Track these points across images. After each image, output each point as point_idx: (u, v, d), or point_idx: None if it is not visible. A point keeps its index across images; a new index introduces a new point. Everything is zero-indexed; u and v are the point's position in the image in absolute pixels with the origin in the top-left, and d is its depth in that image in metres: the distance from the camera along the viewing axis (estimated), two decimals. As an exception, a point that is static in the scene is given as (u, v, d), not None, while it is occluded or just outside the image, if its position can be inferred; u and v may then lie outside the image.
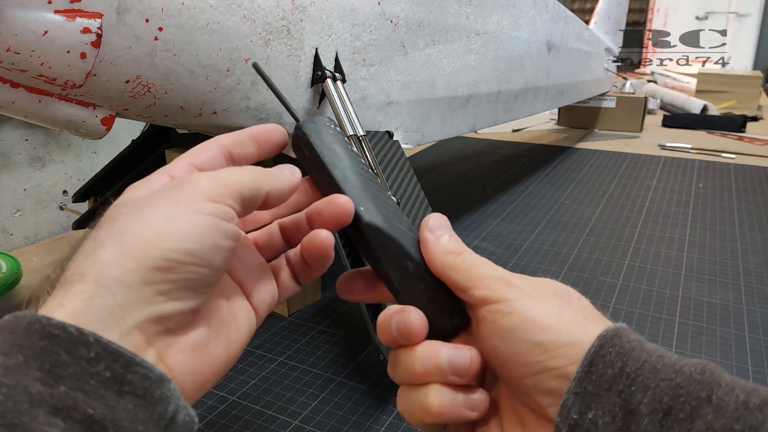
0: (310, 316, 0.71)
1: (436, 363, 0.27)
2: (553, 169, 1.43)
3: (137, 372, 0.20)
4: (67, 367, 0.19)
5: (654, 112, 2.24)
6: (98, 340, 0.20)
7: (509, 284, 0.27)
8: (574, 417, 0.23)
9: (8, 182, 0.93)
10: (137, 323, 0.22)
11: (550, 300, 0.26)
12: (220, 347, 0.26)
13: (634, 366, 0.23)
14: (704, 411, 0.21)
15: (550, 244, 0.94)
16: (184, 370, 0.23)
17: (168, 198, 0.24)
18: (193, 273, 0.23)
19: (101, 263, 0.22)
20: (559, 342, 0.24)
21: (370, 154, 0.58)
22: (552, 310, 0.26)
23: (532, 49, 1.06)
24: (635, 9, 3.74)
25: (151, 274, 0.22)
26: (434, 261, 0.29)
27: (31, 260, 0.88)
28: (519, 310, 0.26)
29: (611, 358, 0.23)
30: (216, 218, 0.24)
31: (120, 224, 0.23)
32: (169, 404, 0.21)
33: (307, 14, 0.57)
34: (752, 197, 1.20)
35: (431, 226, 0.30)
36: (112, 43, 0.44)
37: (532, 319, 0.25)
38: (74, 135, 0.49)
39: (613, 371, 0.23)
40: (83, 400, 0.19)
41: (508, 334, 0.25)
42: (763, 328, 0.69)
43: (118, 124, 0.51)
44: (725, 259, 0.89)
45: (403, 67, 0.72)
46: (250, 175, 0.26)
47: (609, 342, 0.24)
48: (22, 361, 0.19)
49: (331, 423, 0.52)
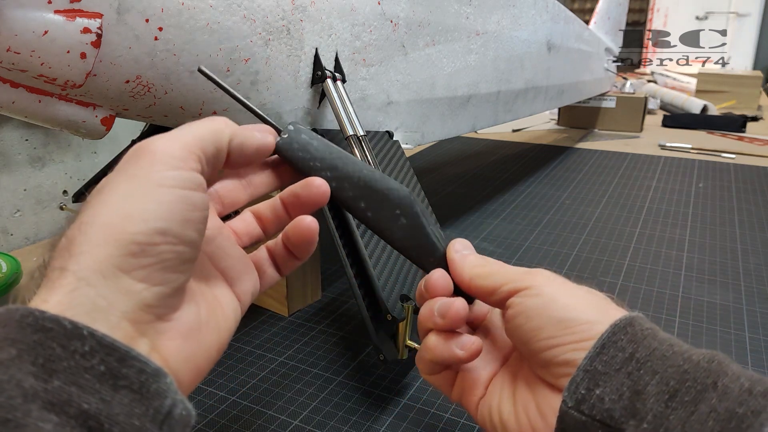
0: (310, 316, 0.71)
1: (430, 308, 0.30)
2: (553, 169, 1.43)
3: (133, 366, 0.20)
4: (61, 361, 0.19)
5: (654, 112, 2.24)
6: (92, 334, 0.19)
7: (534, 274, 0.29)
8: (582, 392, 0.24)
9: (8, 182, 0.93)
10: (124, 313, 0.21)
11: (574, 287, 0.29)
12: (211, 333, 0.25)
13: (645, 353, 0.24)
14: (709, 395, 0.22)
15: (550, 244, 0.94)
16: (179, 358, 0.23)
17: (125, 174, 0.22)
18: (168, 252, 0.22)
19: (75, 256, 0.21)
20: (579, 319, 0.26)
21: (370, 154, 0.58)
22: (575, 294, 0.28)
23: (532, 49, 1.06)
24: (635, 9, 3.74)
25: (124, 260, 0.21)
26: (462, 275, 0.31)
27: (31, 260, 0.88)
28: (545, 293, 0.28)
29: (623, 344, 0.24)
30: (181, 189, 0.22)
31: (88, 213, 0.22)
32: (165, 398, 0.20)
33: (307, 14, 0.57)
34: (752, 197, 1.20)
35: (457, 248, 0.32)
36: (112, 43, 0.44)
37: (556, 299, 0.27)
38: (74, 135, 0.49)
39: (623, 355, 0.24)
40: (78, 394, 0.19)
41: (534, 311, 0.27)
42: (763, 328, 0.69)
43: (118, 124, 0.51)
44: (725, 259, 0.89)
45: (403, 67, 0.72)
46: (210, 126, 0.25)
47: (621, 329, 0.25)
48: (15, 355, 0.19)
49: (331, 423, 0.52)
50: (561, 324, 0.26)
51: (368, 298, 0.54)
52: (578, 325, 0.26)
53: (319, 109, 0.62)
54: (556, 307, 0.27)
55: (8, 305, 0.20)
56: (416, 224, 0.31)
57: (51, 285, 0.21)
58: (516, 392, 0.30)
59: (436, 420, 0.53)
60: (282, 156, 0.30)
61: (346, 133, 0.59)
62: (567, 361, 0.26)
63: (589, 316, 0.26)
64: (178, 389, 0.21)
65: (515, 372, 0.31)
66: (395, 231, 0.31)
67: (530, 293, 0.28)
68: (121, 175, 0.22)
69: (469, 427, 0.52)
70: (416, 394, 0.56)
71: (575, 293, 0.28)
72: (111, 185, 0.22)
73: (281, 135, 0.30)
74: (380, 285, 0.53)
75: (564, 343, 0.26)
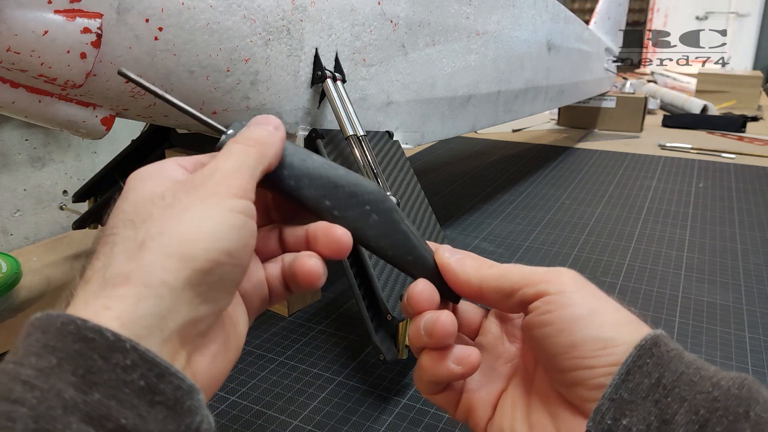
0: (310, 316, 0.71)
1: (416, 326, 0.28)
2: (553, 169, 1.43)
3: (171, 382, 0.20)
4: (102, 374, 0.19)
5: (654, 112, 2.24)
6: (135, 347, 0.19)
7: (561, 275, 0.27)
8: (608, 422, 0.23)
9: (8, 182, 0.93)
10: (178, 326, 0.21)
11: (602, 296, 0.26)
12: (231, 352, 0.26)
13: (671, 377, 0.23)
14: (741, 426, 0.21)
15: (550, 244, 0.94)
16: (205, 375, 0.23)
17: (196, 197, 0.23)
18: (229, 273, 0.23)
19: (147, 266, 0.21)
20: (618, 340, 0.24)
21: (370, 154, 0.58)
22: (609, 308, 0.26)
23: (532, 49, 1.06)
24: (635, 9, 3.74)
25: (196, 275, 0.21)
26: (469, 281, 0.29)
27: (31, 260, 0.88)
28: (578, 303, 0.25)
29: (648, 368, 0.23)
30: (245, 216, 0.24)
31: (158, 224, 0.22)
32: (196, 415, 0.20)
33: (307, 14, 0.57)
34: (752, 197, 1.20)
35: (447, 255, 0.30)
36: (112, 43, 0.44)
37: (592, 314, 0.25)
38: (74, 135, 0.49)
39: (650, 381, 0.23)
40: (117, 409, 0.18)
41: (567, 325, 0.25)
42: (763, 328, 0.69)
43: (118, 124, 0.51)
44: (725, 259, 0.89)
45: (403, 67, 0.72)
46: (254, 155, 0.26)
47: (647, 352, 0.24)
48: (56, 363, 0.18)
49: (331, 423, 0.52)
50: (599, 342, 0.24)
51: (368, 298, 0.54)
52: (615, 346, 0.24)
53: (319, 109, 0.62)
54: (594, 323, 0.25)
55: (48, 311, 0.20)
56: (389, 219, 0.29)
57: (112, 291, 0.21)
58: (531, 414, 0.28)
59: (436, 420, 0.53)
60: None
61: (346, 133, 0.59)
62: (599, 385, 0.24)
63: (627, 336, 0.24)
64: (205, 405, 0.21)
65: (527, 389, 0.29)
66: (368, 229, 0.29)
67: (561, 301, 0.26)
68: (194, 196, 0.23)
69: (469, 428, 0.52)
70: (416, 394, 0.56)
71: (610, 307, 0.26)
72: (183, 203, 0.23)
73: (226, 132, 0.27)
74: (380, 285, 0.53)
75: (600, 366, 0.24)
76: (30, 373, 0.18)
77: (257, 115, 0.29)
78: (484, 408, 0.29)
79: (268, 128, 0.27)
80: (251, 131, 0.27)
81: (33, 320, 0.20)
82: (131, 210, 0.23)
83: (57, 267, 0.86)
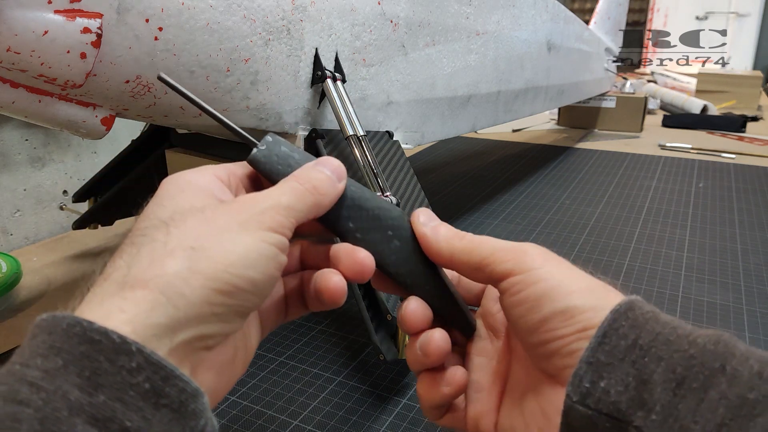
0: (310, 316, 0.71)
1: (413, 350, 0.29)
2: (553, 169, 1.43)
3: (175, 385, 0.20)
4: (108, 376, 0.19)
5: (654, 112, 2.24)
6: (141, 350, 0.19)
7: (526, 253, 0.27)
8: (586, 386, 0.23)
9: (8, 182, 0.93)
10: (186, 339, 0.21)
11: (570, 267, 0.27)
12: (237, 367, 0.26)
13: (648, 338, 0.23)
14: (718, 380, 0.21)
15: (549, 244, 0.93)
16: (209, 387, 0.23)
17: (236, 220, 0.23)
18: (248, 300, 0.23)
19: (170, 275, 0.21)
20: (584, 306, 0.25)
21: (370, 154, 0.58)
22: (575, 276, 0.26)
23: (532, 49, 1.06)
24: (635, 9, 3.74)
25: (214, 295, 0.22)
26: (440, 251, 0.29)
27: (31, 260, 0.88)
28: (544, 278, 0.26)
29: (624, 330, 0.23)
30: (277, 249, 0.24)
31: (192, 237, 0.22)
32: (200, 419, 0.20)
33: (307, 14, 0.57)
34: (752, 197, 1.20)
35: (423, 220, 0.30)
36: (112, 43, 0.44)
37: (557, 286, 0.25)
38: (74, 135, 0.49)
39: (626, 343, 0.23)
40: (122, 411, 0.18)
41: (535, 302, 0.26)
42: (763, 328, 0.69)
43: (118, 124, 0.51)
44: (725, 259, 0.89)
45: (403, 67, 0.72)
46: (308, 201, 0.26)
47: (622, 315, 0.24)
48: (62, 365, 0.18)
49: (331, 423, 0.52)
50: (566, 313, 0.25)
51: (368, 298, 0.54)
52: (582, 313, 0.25)
53: (319, 109, 0.62)
54: (560, 294, 0.25)
55: (54, 312, 0.20)
56: (411, 247, 0.29)
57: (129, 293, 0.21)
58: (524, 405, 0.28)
59: (436, 420, 0.53)
60: (259, 169, 0.27)
61: (346, 133, 0.59)
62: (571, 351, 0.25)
63: (592, 301, 0.25)
64: (209, 409, 0.21)
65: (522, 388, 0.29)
66: (388, 255, 0.28)
67: (528, 279, 0.26)
68: (233, 216, 0.23)
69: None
70: (416, 394, 0.56)
71: (575, 276, 0.26)
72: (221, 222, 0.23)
73: (258, 146, 0.27)
74: (380, 285, 0.53)
75: (568, 334, 0.25)
76: (36, 375, 0.18)
77: (257, 115, 0.29)
78: (489, 414, 0.30)
79: (332, 178, 0.27)
80: (314, 174, 0.27)
81: (39, 321, 0.20)
82: (167, 216, 0.23)
83: (57, 267, 0.86)
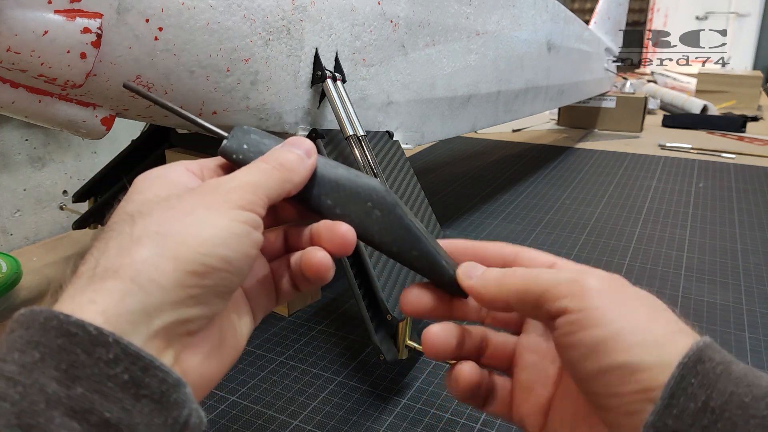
0: (310, 316, 0.71)
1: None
2: (553, 169, 1.43)
3: (155, 376, 0.20)
4: (85, 368, 0.19)
5: (654, 112, 2.24)
6: (118, 341, 0.19)
7: (585, 287, 0.24)
8: None
9: (8, 182, 0.93)
10: (165, 324, 0.21)
11: (635, 306, 0.24)
12: (227, 351, 0.26)
13: (720, 400, 0.21)
14: None
15: (550, 244, 0.94)
16: (196, 373, 0.23)
17: (202, 202, 0.23)
18: (225, 280, 0.23)
19: (139, 262, 0.21)
20: (647, 363, 0.22)
21: (370, 154, 0.58)
22: (639, 322, 0.23)
23: (532, 49, 1.06)
24: (635, 9, 3.74)
25: (187, 277, 0.22)
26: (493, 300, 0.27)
27: (31, 260, 0.88)
28: (602, 323, 0.23)
29: (694, 390, 0.21)
30: (248, 227, 0.24)
31: (157, 223, 0.22)
32: (183, 408, 0.20)
33: (307, 14, 0.57)
34: (752, 197, 1.20)
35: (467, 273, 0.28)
36: (112, 43, 0.44)
37: (616, 335, 0.23)
38: (74, 135, 0.49)
39: (696, 405, 0.21)
40: (100, 402, 0.18)
41: (591, 349, 0.23)
42: (763, 328, 0.69)
43: (118, 124, 0.51)
44: (725, 259, 0.89)
45: (403, 67, 0.72)
46: (276, 178, 0.26)
47: (691, 371, 0.22)
48: (39, 358, 0.18)
49: (331, 423, 0.52)
50: (625, 370, 0.22)
51: (368, 298, 0.54)
52: (644, 371, 0.22)
53: (319, 109, 0.62)
54: (619, 346, 0.22)
55: (32, 307, 0.20)
56: (392, 215, 0.28)
57: (100, 284, 0.21)
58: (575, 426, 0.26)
59: (436, 420, 0.53)
60: (232, 159, 0.27)
61: (346, 133, 0.59)
62: (632, 411, 0.22)
63: (656, 357, 0.22)
64: (194, 399, 0.21)
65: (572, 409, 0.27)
66: (370, 225, 0.28)
67: (583, 321, 0.23)
68: (198, 202, 0.23)
69: (468, 427, 0.52)
70: (416, 394, 0.56)
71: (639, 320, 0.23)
72: (186, 206, 0.23)
73: (227, 137, 0.27)
74: (380, 285, 0.53)
75: (628, 393, 0.22)
76: (13, 369, 0.18)
77: (257, 115, 0.29)
78: (536, 417, 0.28)
79: (298, 153, 0.27)
80: (281, 153, 0.27)
81: (17, 317, 0.20)
82: (134, 209, 0.23)
83: (57, 267, 0.86)
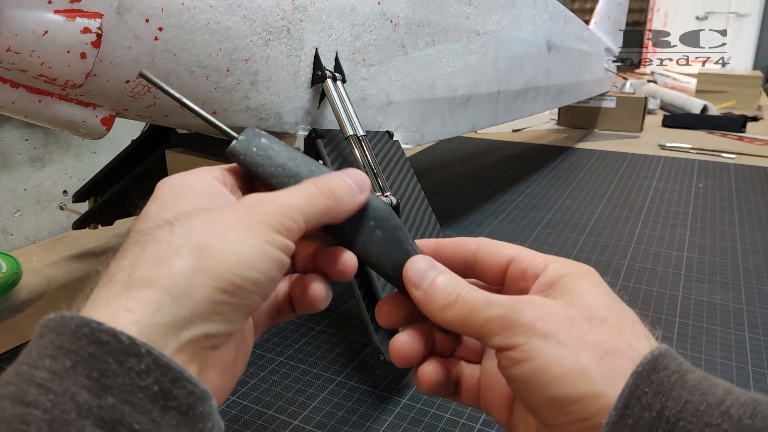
0: (310, 316, 0.71)
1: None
2: (553, 169, 1.43)
3: (184, 387, 0.20)
4: (116, 378, 0.18)
5: (654, 112, 2.24)
6: (150, 352, 0.19)
7: (512, 323, 0.24)
8: None
9: (8, 182, 0.93)
10: (192, 338, 0.21)
11: (569, 329, 0.24)
12: (238, 367, 0.26)
13: (675, 408, 0.21)
14: None
15: (550, 244, 0.94)
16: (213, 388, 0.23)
17: (242, 220, 0.23)
18: (251, 300, 0.23)
19: (176, 274, 0.21)
20: (573, 395, 0.22)
21: (370, 154, 0.58)
22: (568, 352, 0.23)
23: (532, 49, 1.06)
24: (635, 9, 3.74)
25: (218, 294, 0.22)
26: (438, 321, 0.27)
27: (31, 260, 0.88)
28: (530, 357, 0.23)
29: (648, 399, 0.21)
30: (281, 252, 0.24)
31: (197, 236, 0.22)
32: (208, 421, 0.20)
33: (307, 14, 0.57)
34: (752, 197, 1.20)
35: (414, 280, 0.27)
36: (112, 43, 0.44)
37: (544, 369, 0.23)
38: (74, 135, 0.49)
39: (650, 415, 0.21)
40: (130, 414, 0.18)
41: (525, 384, 0.24)
42: (763, 328, 0.69)
43: (118, 124, 0.51)
44: (725, 259, 0.89)
45: (403, 67, 0.72)
46: (321, 206, 0.25)
47: (645, 380, 0.21)
48: (70, 366, 0.18)
49: (331, 423, 0.52)
50: (556, 402, 0.23)
51: (368, 298, 0.54)
52: (573, 404, 0.22)
53: (319, 109, 0.62)
54: (546, 381, 0.23)
55: (62, 312, 0.20)
56: (393, 237, 0.28)
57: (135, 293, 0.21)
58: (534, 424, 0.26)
59: (436, 420, 0.53)
60: (239, 161, 0.27)
61: (346, 133, 0.59)
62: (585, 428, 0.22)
63: (582, 389, 0.22)
64: (217, 412, 0.21)
65: None
66: (370, 245, 0.28)
67: (515, 357, 0.24)
68: (239, 216, 0.24)
69: (468, 427, 0.52)
70: (416, 394, 0.56)
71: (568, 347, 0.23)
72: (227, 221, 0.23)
73: (238, 138, 0.27)
74: (380, 285, 0.53)
75: (566, 423, 0.23)
76: (44, 376, 0.18)
77: (257, 115, 0.29)
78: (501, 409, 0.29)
79: (353, 188, 0.27)
80: (335, 182, 0.26)
81: (46, 321, 0.20)
82: (171, 216, 0.23)
83: (57, 267, 0.86)
